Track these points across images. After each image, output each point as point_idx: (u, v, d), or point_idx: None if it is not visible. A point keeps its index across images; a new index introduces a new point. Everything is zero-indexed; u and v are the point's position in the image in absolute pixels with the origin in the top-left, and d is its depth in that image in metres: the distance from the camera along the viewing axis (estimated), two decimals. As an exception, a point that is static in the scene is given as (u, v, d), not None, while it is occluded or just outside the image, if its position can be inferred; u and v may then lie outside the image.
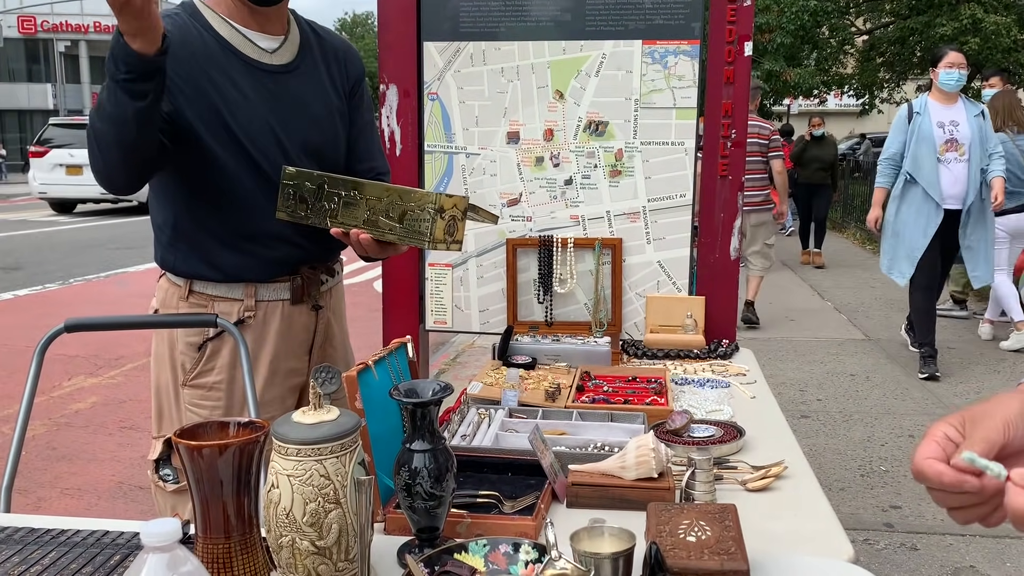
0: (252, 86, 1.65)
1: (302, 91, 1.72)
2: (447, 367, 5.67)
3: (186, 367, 1.72)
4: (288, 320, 1.77)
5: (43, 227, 14.87)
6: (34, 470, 3.82)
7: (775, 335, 6.37)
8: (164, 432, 1.76)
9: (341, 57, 1.84)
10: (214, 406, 1.72)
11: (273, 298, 1.75)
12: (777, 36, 13.28)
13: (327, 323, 1.86)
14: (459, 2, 2.41)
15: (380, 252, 1.63)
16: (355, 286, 8.17)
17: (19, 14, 36.12)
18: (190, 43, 1.60)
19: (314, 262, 1.78)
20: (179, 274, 1.72)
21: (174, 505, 1.73)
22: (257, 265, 1.71)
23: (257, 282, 1.72)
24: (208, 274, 1.70)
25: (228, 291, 1.71)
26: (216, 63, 1.62)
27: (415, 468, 1.10)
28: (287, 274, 1.75)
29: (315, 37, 1.80)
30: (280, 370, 1.77)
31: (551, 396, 1.86)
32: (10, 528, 1.25)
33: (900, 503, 3.46)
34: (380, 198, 1.54)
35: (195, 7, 1.67)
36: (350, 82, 1.85)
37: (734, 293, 2.45)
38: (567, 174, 2.42)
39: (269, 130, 1.66)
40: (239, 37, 1.66)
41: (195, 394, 1.72)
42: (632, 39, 2.34)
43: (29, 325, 6.83)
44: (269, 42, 1.70)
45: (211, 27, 1.64)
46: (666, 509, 1.14)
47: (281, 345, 1.76)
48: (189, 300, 1.72)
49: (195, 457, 0.91)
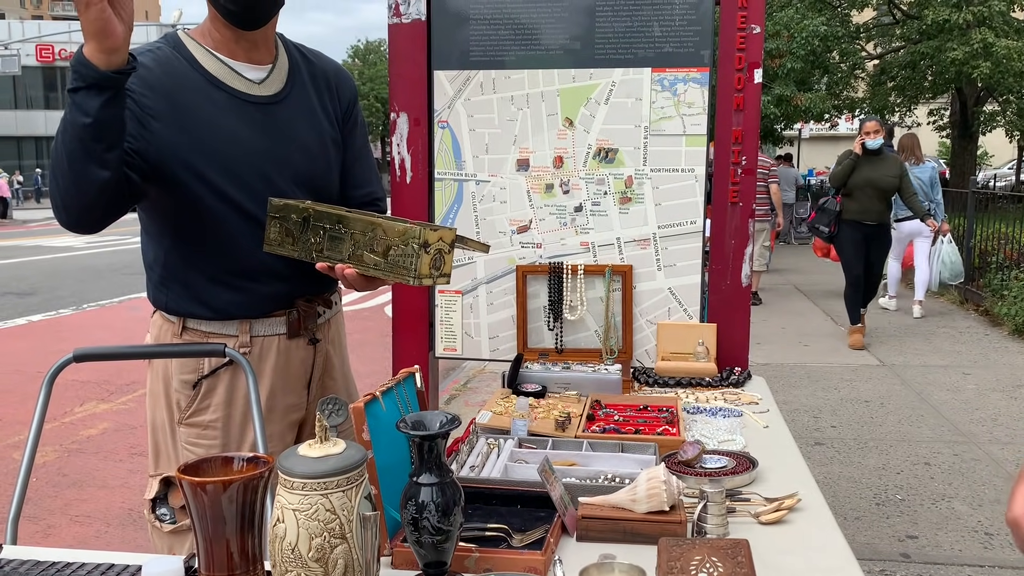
0: (239, 120, 1.61)
1: (292, 121, 1.68)
2: (458, 392, 5.65)
3: (181, 405, 1.68)
4: (285, 355, 1.73)
5: (57, 253, 14.99)
6: (44, 496, 3.82)
7: (788, 361, 6.32)
8: (161, 470, 1.73)
9: (332, 81, 1.79)
10: (211, 444, 1.68)
11: (269, 333, 1.70)
12: (787, 61, 13.31)
13: (326, 356, 1.82)
14: (469, 31, 2.42)
15: (366, 286, 1.58)
16: (366, 311, 8.18)
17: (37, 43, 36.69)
18: (173, 77, 1.57)
19: (309, 295, 1.74)
20: (171, 312, 1.69)
21: (171, 546, 1.68)
22: (249, 301, 1.67)
23: (251, 318, 1.68)
24: (200, 312, 1.66)
25: (222, 327, 1.67)
26: (201, 98, 1.58)
27: (422, 502, 1.08)
28: (282, 308, 1.71)
29: (304, 61, 1.76)
30: (278, 407, 1.74)
31: (561, 425, 1.84)
32: (16, 561, 1.24)
33: (917, 533, 3.40)
34: (364, 232, 1.51)
35: (179, 39, 1.63)
36: (343, 106, 1.80)
37: (746, 320, 2.43)
38: (577, 201, 2.42)
39: (257, 164, 1.62)
40: (225, 70, 1.62)
41: (191, 432, 1.69)
42: (642, 67, 2.34)
43: (42, 350, 6.86)
44: (256, 72, 1.65)
45: (195, 60, 1.60)
46: (677, 544, 1.12)
47: (278, 381, 1.73)
48: (183, 337, 1.68)
49: (198, 493, 0.90)
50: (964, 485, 3.90)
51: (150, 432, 1.76)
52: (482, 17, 2.41)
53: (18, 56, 30.10)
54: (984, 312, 7.99)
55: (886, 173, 6.53)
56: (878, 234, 6.71)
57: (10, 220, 24.84)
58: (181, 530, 1.67)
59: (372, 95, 41.73)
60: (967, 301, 8.60)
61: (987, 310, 7.90)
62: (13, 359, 6.64)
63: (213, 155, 1.58)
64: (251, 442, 1.69)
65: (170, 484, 1.70)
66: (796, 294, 9.49)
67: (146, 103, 1.53)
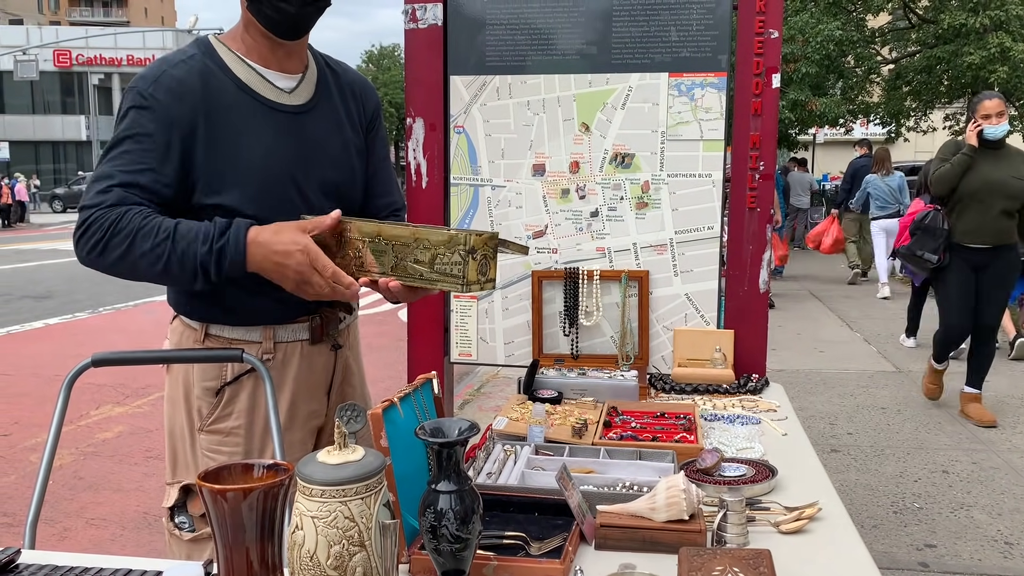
0: (270, 129, 1.61)
1: (320, 130, 1.69)
2: (471, 397, 5.65)
3: (203, 412, 1.67)
4: (308, 361, 1.72)
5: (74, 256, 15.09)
6: (60, 499, 3.84)
7: (803, 367, 6.29)
8: (179, 478, 1.72)
9: (358, 92, 1.82)
10: (232, 452, 1.67)
11: (292, 339, 1.70)
12: (802, 66, 13.25)
13: (345, 362, 1.83)
14: (485, 36, 2.42)
15: (411, 296, 1.56)
16: (380, 315, 8.19)
17: (55, 48, 37.05)
18: (205, 87, 1.57)
19: (332, 301, 1.71)
20: (194, 318, 1.68)
21: (189, 554, 1.67)
22: (275, 307, 1.66)
23: (275, 324, 1.68)
24: (225, 318, 1.66)
25: (246, 334, 1.67)
26: (234, 108, 1.59)
27: (441, 510, 1.08)
28: (305, 314, 1.70)
29: (331, 73, 1.78)
30: (299, 414, 1.73)
31: (578, 432, 1.83)
32: (34, 566, 1.24)
33: (935, 542, 3.37)
34: (406, 243, 1.47)
35: (211, 46, 1.64)
36: (367, 117, 1.83)
37: (764, 326, 2.42)
38: (593, 206, 2.41)
39: (287, 172, 1.62)
40: (256, 78, 1.63)
41: (212, 440, 1.67)
42: (658, 72, 2.33)
43: (59, 353, 6.91)
44: (287, 81, 1.66)
45: (228, 68, 1.61)
46: (698, 554, 1.11)
47: (300, 387, 1.72)
48: (205, 343, 1.67)
49: (218, 501, 0.90)
50: (983, 493, 3.86)
51: (168, 439, 1.75)
52: (499, 22, 2.41)
53: (36, 61, 30.43)
54: (1002, 318, 7.90)
55: (1013, 173, 4.53)
56: (996, 263, 4.63)
57: (27, 224, 25.06)
58: (201, 538, 1.66)
59: (386, 100, 41.90)
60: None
61: (1005, 316, 7.81)
62: (30, 362, 6.69)
63: (243, 163, 1.58)
64: (273, 449, 1.68)
65: (189, 492, 1.69)
66: (811, 299, 9.44)
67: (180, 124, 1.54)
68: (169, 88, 1.53)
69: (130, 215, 1.47)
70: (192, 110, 1.54)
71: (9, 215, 24.20)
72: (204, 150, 1.55)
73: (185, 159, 1.54)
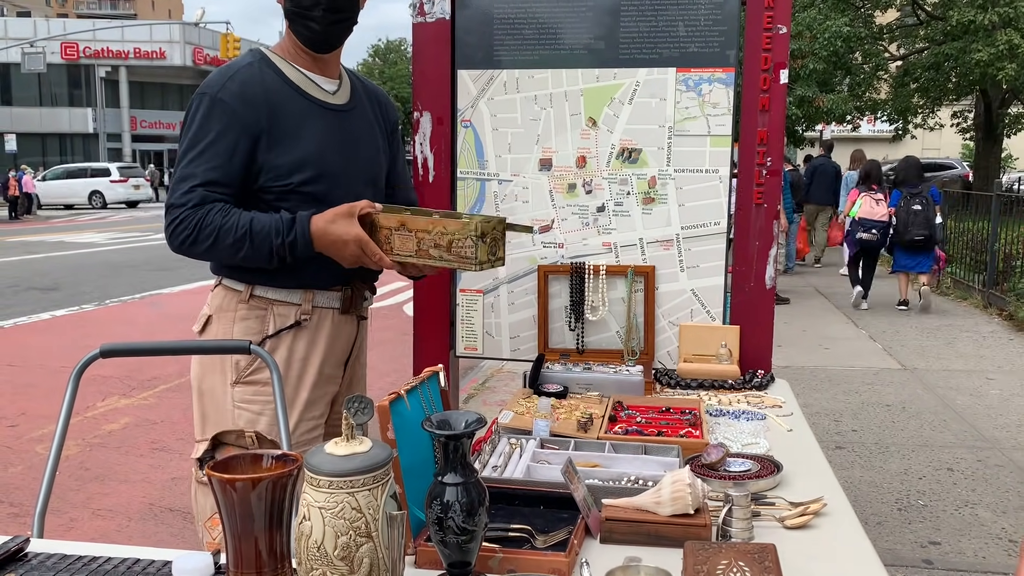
0: (322, 124, 1.84)
1: (359, 128, 1.93)
2: (476, 392, 5.66)
3: (240, 365, 1.83)
4: (337, 327, 1.91)
5: (80, 248, 15.15)
6: (67, 490, 3.85)
7: (808, 364, 6.28)
8: (208, 435, 1.81)
9: (383, 102, 2.07)
10: (266, 401, 1.81)
11: (326, 305, 1.88)
12: (810, 62, 13.19)
13: (362, 339, 2.02)
14: (493, 31, 2.42)
15: (432, 271, 1.85)
16: (385, 309, 8.20)
17: (62, 40, 37.09)
18: (267, 90, 1.79)
19: (364, 276, 1.94)
20: (242, 280, 1.84)
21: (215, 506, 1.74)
22: (318, 272, 1.83)
23: (315, 288, 1.86)
24: (268, 280, 1.83)
25: (288, 295, 1.84)
26: (291, 106, 1.81)
27: (447, 502, 1.08)
28: (339, 284, 1.89)
29: (359, 83, 2.02)
30: (325, 374, 1.91)
31: (583, 426, 1.84)
32: (43, 554, 1.25)
33: (939, 539, 3.37)
34: (428, 231, 1.69)
35: (264, 54, 1.87)
36: (388, 125, 2.07)
37: (770, 322, 2.41)
38: (599, 201, 2.41)
39: (338, 162, 1.85)
40: (307, 81, 1.86)
41: (248, 391, 1.83)
42: (666, 67, 2.33)
43: (66, 345, 6.93)
44: (330, 84, 1.90)
45: (283, 73, 1.83)
46: (703, 548, 1.11)
47: (329, 351, 1.90)
48: (249, 303, 1.83)
49: (227, 490, 0.90)
50: (988, 491, 3.86)
51: (197, 400, 1.90)
52: (506, 17, 2.41)
53: (43, 54, 30.46)
54: (1008, 317, 7.89)
55: None
56: None
57: (35, 216, 25.13)
58: None
59: (393, 94, 41.92)
60: (991, 305, 8.50)
61: (1011, 315, 7.80)
62: (37, 353, 6.71)
63: (301, 153, 1.79)
64: (303, 401, 1.87)
65: (218, 445, 1.77)
66: (817, 296, 9.43)
67: (249, 122, 1.75)
68: (235, 93, 1.76)
69: (211, 215, 1.71)
70: (256, 110, 1.76)
71: (16, 207, 24.26)
72: (268, 143, 1.77)
73: (252, 153, 1.76)
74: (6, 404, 5.29)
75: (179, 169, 1.76)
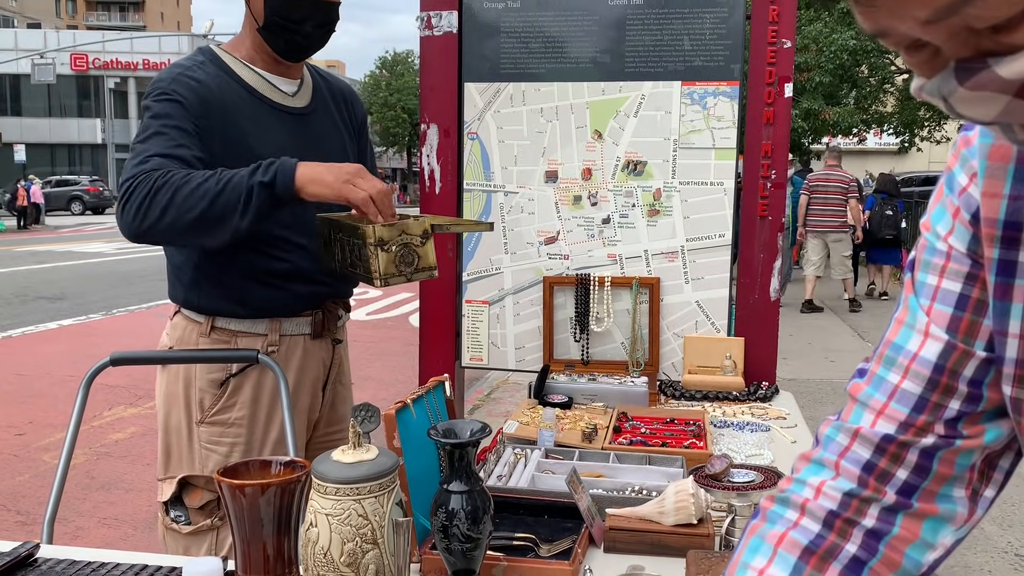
0: (278, 129, 1.72)
1: (320, 131, 1.81)
2: (481, 403, 5.66)
3: (204, 404, 1.70)
4: (308, 355, 1.79)
5: (88, 258, 15.22)
6: (73, 499, 3.87)
7: (814, 376, 6.27)
8: (172, 473, 1.73)
9: (349, 99, 1.94)
10: (233, 443, 1.71)
11: (295, 332, 1.76)
12: (816, 75, 13.24)
13: (340, 360, 1.89)
14: (500, 44, 2.44)
15: None
16: (390, 320, 8.23)
17: (72, 52, 37.38)
18: (221, 91, 1.67)
19: (336, 297, 1.83)
20: (202, 311, 1.72)
21: (187, 548, 1.68)
22: (285, 299, 1.72)
23: (282, 317, 1.74)
24: (232, 310, 1.71)
25: (252, 326, 1.72)
26: (245, 109, 1.69)
27: (452, 509, 1.09)
28: (310, 308, 1.77)
29: (323, 80, 1.89)
30: (299, 405, 1.78)
31: (588, 437, 1.84)
32: (52, 560, 1.26)
33: (945, 552, 3.35)
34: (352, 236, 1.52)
35: (214, 53, 1.73)
36: (356, 123, 1.95)
37: (774, 335, 2.42)
38: (605, 213, 2.42)
39: None
40: (262, 82, 1.74)
41: (213, 432, 1.70)
42: (671, 80, 2.35)
43: (73, 354, 6.96)
44: (289, 86, 1.78)
45: (234, 73, 1.71)
46: (706, 557, 1.12)
47: (300, 380, 1.78)
48: (211, 336, 1.71)
49: (237, 496, 0.92)
50: (994, 505, 3.84)
51: (162, 435, 1.76)
52: (513, 30, 2.43)
53: (53, 65, 30.67)
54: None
55: None
56: None
57: (43, 226, 25.26)
58: (199, 531, 1.68)
59: (399, 106, 42.01)
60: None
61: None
62: (44, 363, 6.74)
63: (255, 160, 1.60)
64: (274, 440, 1.74)
65: (184, 486, 1.71)
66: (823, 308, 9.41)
67: (202, 120, 1.62)
68: (189, 86, 1.63)
69: (171, 174, 1.51)
70: (210, 108, 1.63)
71: (25, 217, 24.39)
72: (220, 147, 1.63)
73: (204, 151, 1.61)
74: (14, 413, 5.31)
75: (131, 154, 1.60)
